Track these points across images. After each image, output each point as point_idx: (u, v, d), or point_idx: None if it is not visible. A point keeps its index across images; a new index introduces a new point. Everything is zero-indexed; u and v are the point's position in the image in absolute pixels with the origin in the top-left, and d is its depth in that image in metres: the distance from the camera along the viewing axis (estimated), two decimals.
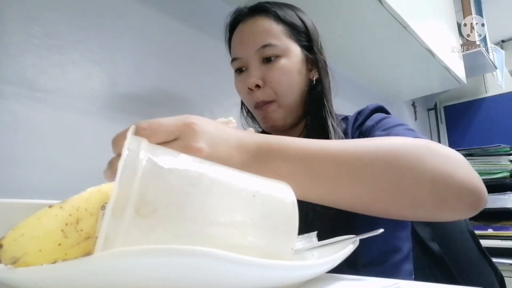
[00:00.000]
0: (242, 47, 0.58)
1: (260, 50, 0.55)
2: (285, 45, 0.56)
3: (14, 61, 0.57)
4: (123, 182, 0.18)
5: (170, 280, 0.18)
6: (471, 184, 0.33)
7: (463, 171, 0.34)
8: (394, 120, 0.51)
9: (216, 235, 0.21)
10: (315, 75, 0.59)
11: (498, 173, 1.39)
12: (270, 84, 0.55)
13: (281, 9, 0.59)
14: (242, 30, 0.59)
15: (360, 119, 0.55)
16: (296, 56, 0.57)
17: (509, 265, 1.16)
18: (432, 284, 0.26)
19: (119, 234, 0.17)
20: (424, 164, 0.33)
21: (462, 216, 0.35)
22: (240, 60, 0.58)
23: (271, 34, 0.56)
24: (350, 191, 0.33)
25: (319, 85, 0.58)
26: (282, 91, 0.56)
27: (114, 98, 0.70)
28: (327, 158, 0.32)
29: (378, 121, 0.51)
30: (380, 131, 0.48)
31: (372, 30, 1.14)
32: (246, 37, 0.57)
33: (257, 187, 0.24)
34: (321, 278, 0.28)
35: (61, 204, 0.20)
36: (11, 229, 0.19)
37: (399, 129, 0.47)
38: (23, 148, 0.56)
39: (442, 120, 2.32)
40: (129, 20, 0.75)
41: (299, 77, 0.57)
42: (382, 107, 0.57)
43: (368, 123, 0.53)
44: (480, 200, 0.34)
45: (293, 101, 0.57)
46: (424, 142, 0.36)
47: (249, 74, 0.56)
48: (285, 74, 0.55)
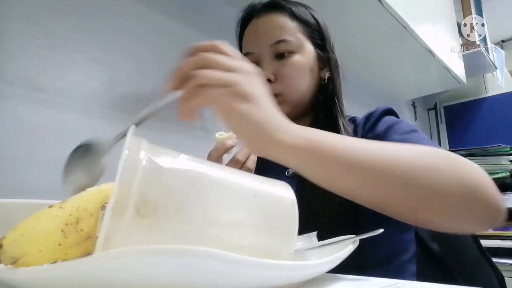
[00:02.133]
0: (256, 42, 0.57)
1: (274, 46, 0.55)
2: (299, 41, 0.56)
3: (14, 61, 0.57)
4: (123, 182, 0.18)
5: (170, 280, 0.18)
6: (497, 201, 0.34)
7: (490, 186, 0.34)
8: (407, 125, 0.51)
9: (216, 235, 0.21)
10: (326, 74, 0.59)
11: (498, 173, 1.39)
12: (281, 79, 0.55)
13: (296, 6, 0.59)
14: (256, 25, 0.58)
15: (370, 121, 0.55)
16: (309, 53, 0.57)
17: (509, 265, 1.15)
18: (432, 284, 0.26)
19: (119, 234, 0.17)
20: (457, 173, 0.34)
21: (480, 229, 0.36)
22: (253, 55, 0.58)
23: (286, 30, 0.56)
24: (388, 190, 0.33)
25: (331, 84, 0.58)
26: (292, 87, 0.55)
27: (114, 98, 0.70)
28: (371, 157, 0.33)
29: (392, 125, 0.51)
30: (396, 135, 0.48)
31: (372, 30, 1.14)
32: (260, 32, 0.57)
33: (257, 187, 0.24)
34: (321, 278, 0.28)
35: (61, 204, 0.20)
36: (11, 229, 0.19)
37: (416, 136, 0.47)
38: (23, 148, 0.56)
39: (442, 120, 2.32)
40: (129, 21, 0.75)
41: (311, 74, 0.57)
42: (392, 109, 0.57)
43: (380, 126, 0.52)
44: (500, 217, 0.35)
45: (301, 97, 0.57)
46: (452, 153, 0.37)
47: (261, 68, 0.56)
48: (298, 70, 0.55)
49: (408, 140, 0.46)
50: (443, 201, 0.33)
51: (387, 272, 0.50)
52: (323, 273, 0.27)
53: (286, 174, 0.56)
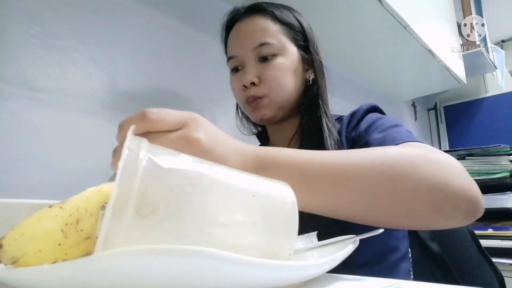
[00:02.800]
0: (239, 45, 0.58)
1: (257, 49, 0.55)
2: (281, 44, 0.56)
3: (14, 61, 0.57)
4: (123, 182, 0.18)
5: (170, 280, 0.18)
6: (468, 193, 0.33)
7: (459, 179, 0.34)
8: (389, 120, 0.51)
9: (216, 235, 0.21)
10: (311, 75, 0.60)
11: (498, 173, 1.39)
12: (265, 81, 0.55)
13: (278, 9, 0.59)
14: (239, 29, 0.59)
15: (354, 120, 0.55)
16: (293, 55, 0.57)
17: (509, 265, 1.15)
18: (432, 284, 0.26)
19: (119, 234, 0.17)
20: (420, 173, 0.33)
21: (458, 224, 0.35)
22: (236, 58, 0.58)
23: (268, 33, 0.56)
24: (346, 200, 0.33)
25: (315, 85, 0.58)
26: (276, 88, 0.56)
27: (114, 98, 0.70)
28: (323, 168, 0.33)
29: (373, 122, 0.51)
30: (376, 132, 0.48)
31: (372, 30, 1.14)
32: (243, 36, 0.57)
33: (257, 187, 0.24)
34: (321, 278, 0.28)
35: (61, 204, 0.20)
36: (11, 229, 0.19)
37: (395, 131, 0.46)
38: (23, 148, 0.56)
39: (442, 120, 2.32)
40: (129, 20, 0.75)
41: (295, 76, 0.57)
42: (376, 106, 0.57)
43: (363, 124, 0.52)
44: (476, 209, 0.34)
45: (285, 99, 0.57)
46: (420, 150, 0.36)
47: (245, 72, 0.57)
48: (281, 71, 0.56)
49: (388, 136, 0.45)
50: (408, 206, 0.33)
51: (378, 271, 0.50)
52: (323, 273, 0.27)
53: None
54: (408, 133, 0.46)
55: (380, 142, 0.45)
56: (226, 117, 0.93)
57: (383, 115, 0.54)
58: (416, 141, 0.42)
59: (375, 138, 0.47)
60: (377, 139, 0.46)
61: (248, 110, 0.59)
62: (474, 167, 1.40)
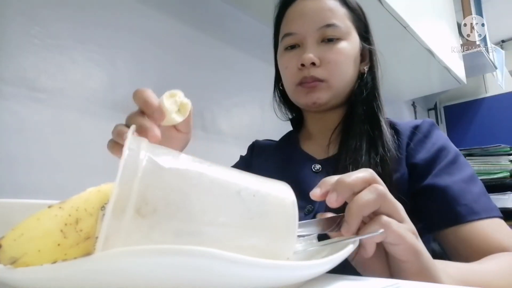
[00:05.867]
0: (302, 22, 0.54)
1: (322, 29, 0.53)
2: (347, 28, 0.54)
3: (14, 61, 0.57)
4: (123, 182, 0.18)
5: (170, 280, 0.18)
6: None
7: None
8: (451, 149, 0.50)
9: (216, 235, 0.21)
10: (365, 67, 0.58)
11: (498, 173, 1.39)
12: (327, 64, 0.52)
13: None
14: (303, 6, 0.55)
15: (419, 134, 0.53)
16: (355, 42, 0.55)
17: None
18: (432, 284, 0.26)
19: (119, 234, 0.17)
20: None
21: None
22: (296, 36, 0.54)
23: (336, 14, 0.54)
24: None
25: (370, 77, 0.56)
26: (337, 74, 0.53)
27: (114, 98, 0.70)
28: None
29: (440, 149, 0.50)
30: (447, 175, 0.47)
31: (372, 30, 1.14)
32: (309, 13, 0.54)
33: (257, 187, 0.24)
34: (321, 278, 0.28)
35: (61, 204, 0.20)
36: (10, 229, 0.19)
37: (460, 167, 0.48)
38: (23, 148, 0.56)
39: (442, 120, 2.32)
40: (129, 20, 0.75)
41: (354, 65, 0.55)
42: (434, 123, 0.56)
43: (431, 144, 0.51)
44: None
45: (343, 87, 0.55)
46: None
47: (305, 50, 0.53)
48: (344, 57, 0.53)
49: (453, 173, 0.47)
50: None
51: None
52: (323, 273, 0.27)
53: (312, 169, 0.54)
54: (484, 192, 0.47)
55: (456, 196, 0.45)
56: (226, 117, 0.93)
57: (446, 138, 0.53)
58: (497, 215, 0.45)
59: (442, 171, 0.47)
60: (443, 173, 0.47)
61: (300, 92, 0.55)
62: (474, 167, 1.40)
